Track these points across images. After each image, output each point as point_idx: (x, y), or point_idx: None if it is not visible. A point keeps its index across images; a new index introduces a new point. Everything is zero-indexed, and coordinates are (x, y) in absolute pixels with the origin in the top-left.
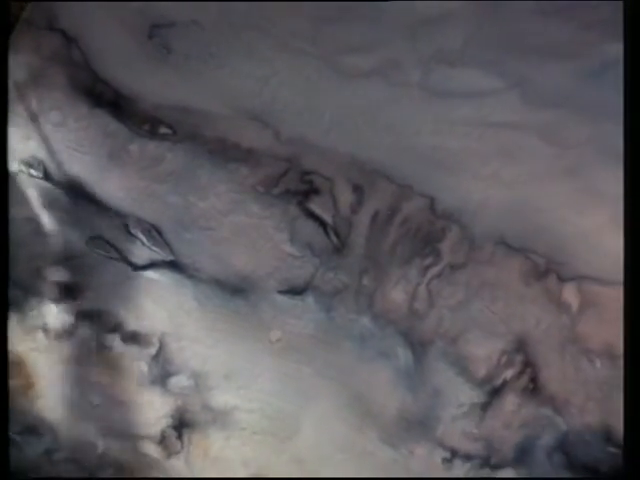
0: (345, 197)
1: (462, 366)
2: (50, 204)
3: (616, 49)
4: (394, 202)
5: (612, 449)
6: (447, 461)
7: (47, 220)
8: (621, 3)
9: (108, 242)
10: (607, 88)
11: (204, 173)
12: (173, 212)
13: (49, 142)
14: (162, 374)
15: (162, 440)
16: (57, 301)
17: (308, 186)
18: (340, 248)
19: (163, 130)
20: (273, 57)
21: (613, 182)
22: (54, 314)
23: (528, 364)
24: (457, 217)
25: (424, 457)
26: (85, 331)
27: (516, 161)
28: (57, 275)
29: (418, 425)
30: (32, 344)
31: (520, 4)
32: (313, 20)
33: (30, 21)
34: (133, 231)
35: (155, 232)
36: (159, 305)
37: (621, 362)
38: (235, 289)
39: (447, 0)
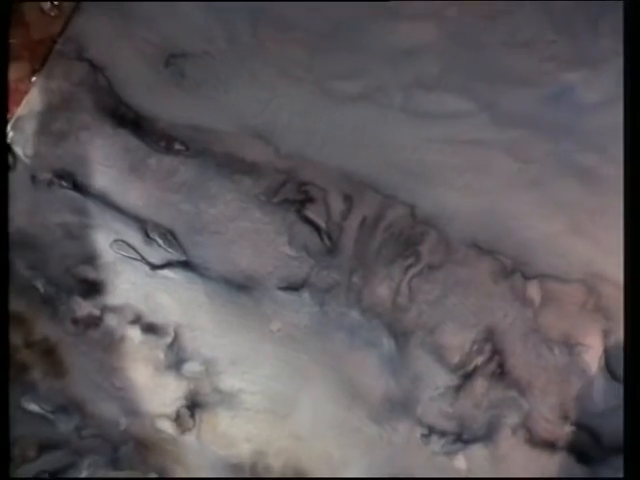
0: (336, 205)
1: (439, 354)
2: (79, 211)
3: (571, 77)
4: (379, 210)
5: (569, 426)
6: (425, 437)
7: (76, 225)
8: (574, 42)
9: (129, 244)
10: (564, 110)
11: (213, 184)
12: (186, 218)
13: (78, 157)
14: (176, 360)
15: (176, 418)
16: (85, 296)
17: (304, 195)
18: (332, 250)
19: (177, 146)
20: (273, 83)
21: (570, 192)
22: (82, 307)
23: (496, 352)
24: (434, 223)
25: (405, 433)
26: (109, 322)
27: (486, 174)
28: (85, 273)
29: (400, 405)
30: (63, 333)
31: (489, 38)
32: (308, 50)
33: (62, 52)
34: (151, 235)
35: (170, 236)
36: (174, 300)
37: (577, 350)
38: (240, 286)
39: (425, 33)
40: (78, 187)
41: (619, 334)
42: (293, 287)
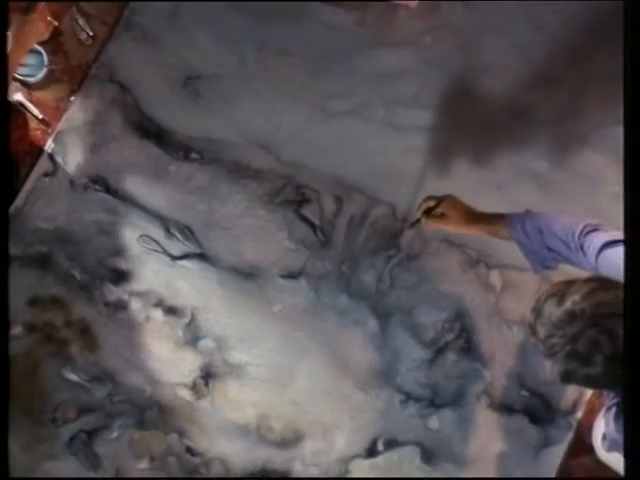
0: (329, 205)
1: (415, 331)
2: (110, 210)
3: (528, 97)
4: (365, 209)
5: (524, 393)
6: (403, 402)
7: (108, 222)
8: (531, 66)
9: (152, 239)
10: (523, 124)
11: (224, 187)
12: (201, 216)
13: (109, 164)
14: (193, 338)
15: (193, 387)
16: (115, 283)
17: (301, 197)
18: (325, 243)
19: (193, 155)
20: (275, 101)
21: (528, 195)
22: (113, 292)
23: (463, 330)
24: (412, 220)
25: (387, 399)
26: (136, 305)
27: (455, 178)
28: (115, 263)
29: (382, 375)
30: (97, 315)
31: (458, 63)
32: (304, 73)
33: (96, 75)
34: (171, 230)
35: (187, 231)
36: (190, 286)
37: None
38: (247, 274)
39: (404, 58)
40: (109, 190)
41: None
42: (292, 275)
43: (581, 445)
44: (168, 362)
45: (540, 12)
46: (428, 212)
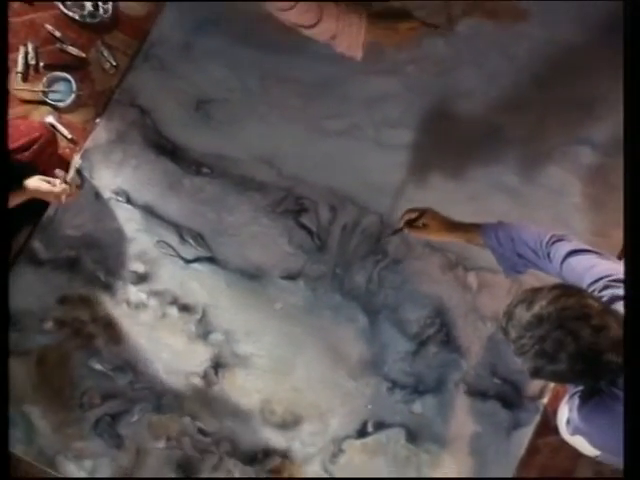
0: (324, 214)
1: (400, 327)
2: (131, 219)
3: (499, 118)
4: (356, 218)
5: (496, 380)
6: (390, 389)
7: (129, 229)
8: (500, 92)
9: (168, 244)
10: (494, 143)
11: (231, 198)
12: (211, 224)
13: (130, 178)
14: (204, 332)
15: (204, 375)
16: (135, 283)
17: (300, 207)
18: (321, 248)
19: (204, 170)
20: (277, 122)
21: (499, 205)
22: (134, 292)
23: (443, 325)
24: (396, 226)
25: (375, 386)
26: (154, 303)
27: (435, 190)
28: (135, 266)
29: (371, 365)
30: (120, 312)
31: (438, 89)
32: (303, 98)
33: (118, 100)
34: (185, 237)
35: (199, 237)
36: (202, 286)
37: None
38: (252, 275)
39: (390, 85)
40: (130, 201)
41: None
42: (291, 276)
43: (547, 426)
44: (182, 353)
45: (509, 45)
46: (411, 223)
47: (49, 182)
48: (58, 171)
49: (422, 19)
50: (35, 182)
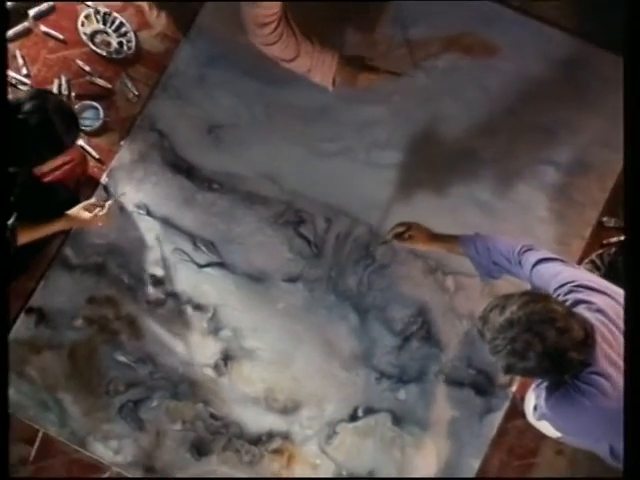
0: (320, 225)
1: (387, 324)
2: (151, 229)
3: (472, 142)
4: (349, 228)
5: (471, 371)
6: (378, 379)
7: (149, 238)
8: (475, 119)
9: (184, 251)
10: (468, 164)
11: (239, 211)
12: (221, 233)
13: (150, 193)
14: (215, 328)
15: (215, 367)
16: (154, 285)
17: (299, 218)
18: (318, 255)
19: (215, 186)
20: (279, 144)
21: (475, 218)
22: (153, 293)
23: (424, 322)
24: (385, 237)
25: (365, 377)
26: (170, 303)
27: (417, 205)
28: (155, 270)
29: (361, 358)
30: (141, 311)
31: (421, 115)
32: (302, 122)
33: (140, 125)
34: (198, 245)
35: (211, 245)
36: (213, 287)
37: (477, 321)
38: (257, 278)
39: (379, 112)
40: (150, 213)
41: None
42: (292, 279)
43: (515, 411)
44: (196, 347)
45: (482, 78)
46: (399, 235)
47: (89, 210)
48: (96, 199)
49: (385, 68)
50: (78, 211)
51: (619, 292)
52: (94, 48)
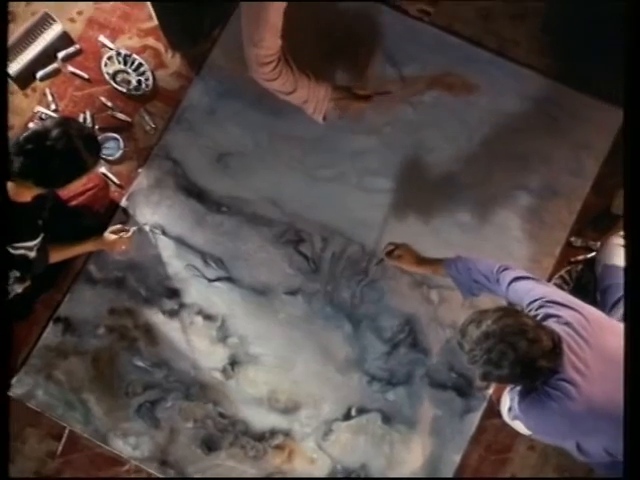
0: (318, 244)
1: (377, 333)
2: (166, 247)
3: (453, 164)
4: (343, 246)
5: (453, 375)
6: (369, 382)
7: (165, 255)
8: (460, 146)
9: (195, 267)
10: (450, 186)
11: (245, 231)
12: (229, 251)
13: (165, 215)
14: (223, 336)
15: (223, 370)
16: (169, 297)
17: (299, 238)
18: (315, 270)
19: (223, 209)
20: (281, 170)
21: (456, 237)
22: (167, 304)
23: (411, 331)
24: (375, 255)
25: (357, 380)
26: (183, 314)
27: (405, 226)
28: (169, 284)
29: (355, 363)
30: (157, 320)
31: (408, 145)
32: (301, 151)
33: (156, 154)
34: (208, 261)
35: (220, 262)
36: (221, 299)
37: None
38: (261, 291)
39: (371, 141)
40: (165, 233)
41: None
42: (292, 292)
43: (492, 411)
44: (205, 353)
45: (463, 112)
46: (389, 253)
47: (115, 233)
48: (120, 227)
49: (374, 91)
50: (106, 235)
51: (584, 307)
52: (116, 86)
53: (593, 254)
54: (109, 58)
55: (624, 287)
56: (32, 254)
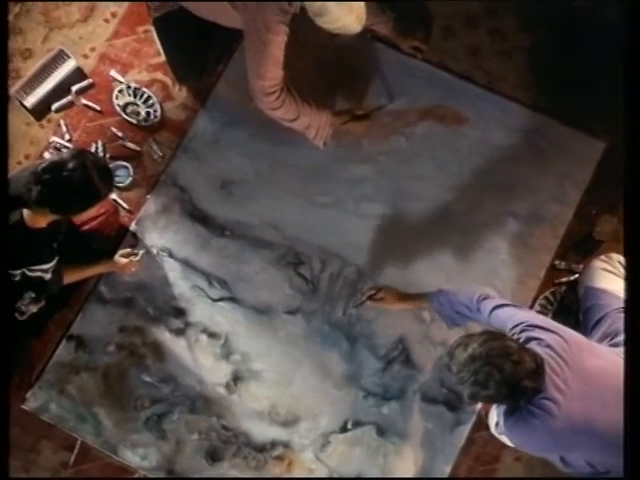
0: (316, 266)
1: (372, 350)
2: (172, 269)
3: (440, 192)
4: (340, 268)
5: (444, 390)
6: (364, 397)
7: (171, 276)
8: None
9: (200, 287)
10: (442, 213)
11: (247, 254)
12: (232, 273)
13: (172, 239)
14: (227, 353)
15: (227, 386)
16: (175, 316)
17: (298, 260)
18: (314, 291)
19: (227, 233)
20: (281, 197)
21: (447, 259)
22: (174, 323)
23: (404, 349)
24: (370, 276)
25: (353, 394)
26: (189, 332)
27: (397, 250)
28: (175, 303)
29: (350, 379)
30: (164, 338)
31: (401, 174)
32: (300, 179)
33: (164, 181)
34: (213, 282)
35: (223, 283)
36: (225, 319)
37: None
38: (262, 311)
39: (366, 170)
40: (172, 256)
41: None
42: (291, 311)
43: (481, 424)
44: (210, 369)
45: (453, 142)
46: (371, 297)
47: (125, 257)
48: (130, 250)
49: (370, 109)
50: (117, 258)
51: (564, 330)
52: (126, 117)
53: (576, 276)
54: (120, 91)
55: (625, 303)
56: (47, 276)
